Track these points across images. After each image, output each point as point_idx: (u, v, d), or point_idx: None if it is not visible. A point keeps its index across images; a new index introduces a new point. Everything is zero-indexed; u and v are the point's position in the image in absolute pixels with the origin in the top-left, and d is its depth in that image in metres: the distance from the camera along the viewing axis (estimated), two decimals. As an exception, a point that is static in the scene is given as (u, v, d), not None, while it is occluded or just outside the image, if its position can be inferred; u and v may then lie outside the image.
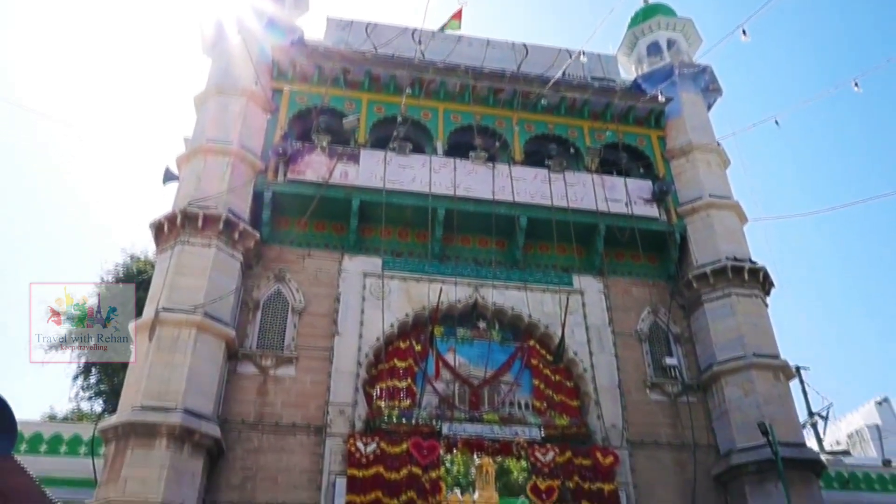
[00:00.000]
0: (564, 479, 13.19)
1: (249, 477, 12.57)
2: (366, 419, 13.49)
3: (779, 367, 14.70)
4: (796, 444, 13.77)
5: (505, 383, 14.65)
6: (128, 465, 11.40)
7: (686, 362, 15.49)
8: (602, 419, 14.22)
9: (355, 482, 12.49)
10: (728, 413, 14.29)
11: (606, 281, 16.14)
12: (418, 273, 15.32)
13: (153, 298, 13.36)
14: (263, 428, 13.06)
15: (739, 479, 13.62)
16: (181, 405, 11.99)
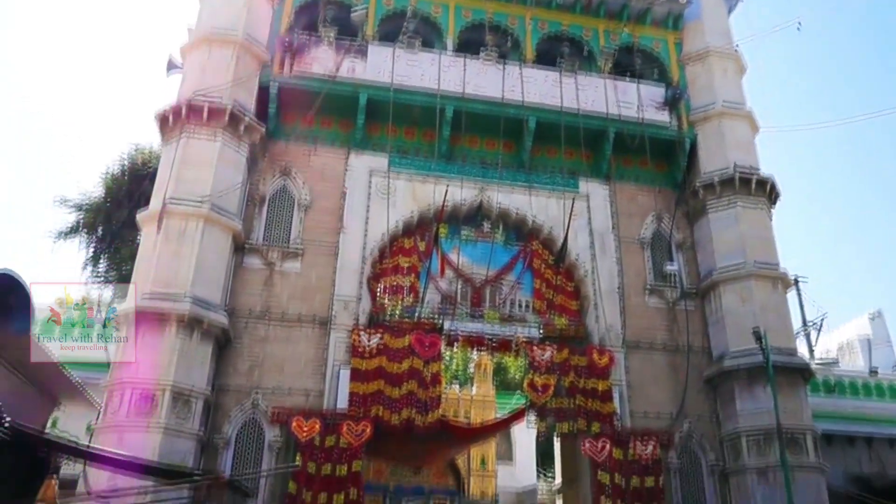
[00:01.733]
0: (561, 376, 13.67)
1: (256, 364, 13.06)
2: (369, 314, 13.85)
3: (777, 277, 14.92)
4: (788, 351, 14.17)
5: (507, 283, 14.92)
6: (140, 350, 11.85)
7: (686, 269, 15.70)
8: (600, 321, 14.57)
9: (358, 372, 12.97)
10: (724, 319, 14.63)
11: (613, 186, 16.11)
12: (424, 172, 15.28)
13: (159, 189, 13.43)
14: (270, 319, 13.44)
15: (729, 383, 14.11)
16: (189, 294, 12.31)
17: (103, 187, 21.53)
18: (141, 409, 11.40)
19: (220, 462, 12.10)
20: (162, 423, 11.32)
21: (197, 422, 11.87)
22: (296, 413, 12.53)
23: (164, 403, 11.51)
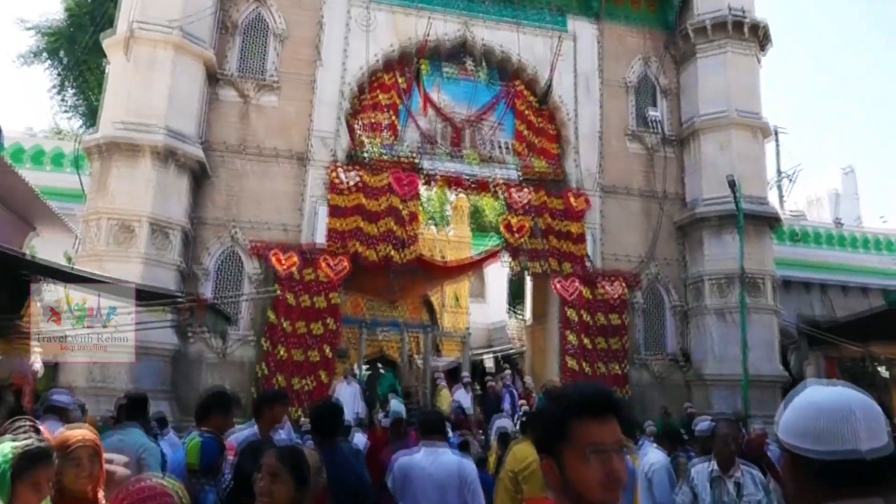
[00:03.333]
0: (536, 218, 13.90)
1: (234, 199, 13.04)
2: (348, 150, 13.70)
3: (758, 127, 14.91)
4: (759, 200, 14.48)
5: (487, 124, 14.71)
6: (115, 181, 11.73)
7: (669, 117, 15.56)
8: (579, 165, 14.61)
9: (336, 209, 13.05)
10: (701, 168, 14.76)
11: (601, 26, 15.50)
12: (406, 4, 14.49)
13: (125, 12, 12.66)
14: (246, 154, 13.25)
15: (700, 230, 14.51)
16: (163, 125, 12.01)
17: (64, 9, 20.22)
18: (119, 239, 11.49)
19: (201, 292, 12.42)
20: (142, 254, 11.45)
21: (176, 253, 12.02)
22: (274, 247, 12.72)
23: (142, 234, 11.57)
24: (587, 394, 1.73)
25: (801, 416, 1.51)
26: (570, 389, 1.81)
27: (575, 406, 1.70)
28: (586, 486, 1.63)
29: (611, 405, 1.70)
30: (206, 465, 3.95)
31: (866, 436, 1.42)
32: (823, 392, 1.51)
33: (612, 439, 1.66)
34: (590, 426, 1.66)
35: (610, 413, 1.69)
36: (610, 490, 1.63)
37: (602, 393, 1.73)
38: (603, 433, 1.65)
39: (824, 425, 1.44)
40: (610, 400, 1.71)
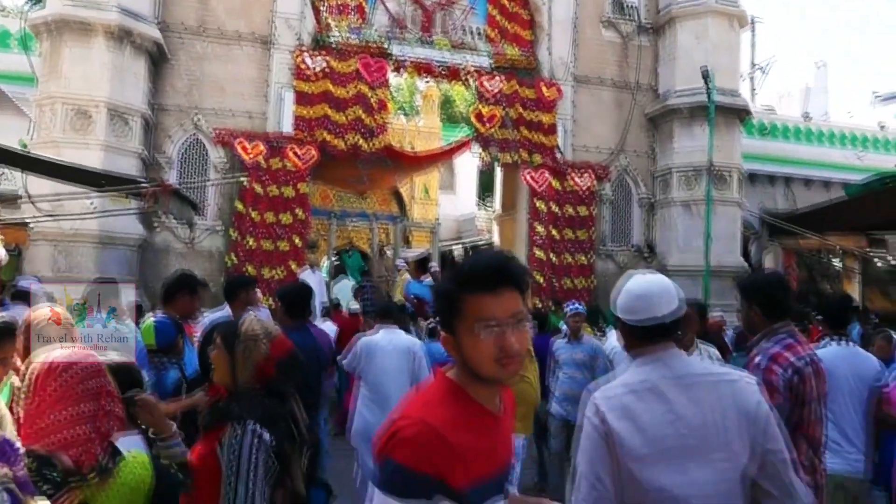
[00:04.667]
0: (507, 108, 13.67)
1: (195, 84, 12.52)
2: (314, 34, 13.10)
3: (735, 15, 14.58)
4: (731, 92, 14.37)
5: (459, 8, 14.10)
6: (67, 63, 11.14)
7: (647, 3, 15.10)
8: (552, 53, 14.25)
9: (303, 96, 12.64)
10: (675, 58, 14.50)
11: None
12: None
13: None
14: (207, 36, 12.60)
15: (670, 121, 14.45)
16: (115, 2, 11.31)
17: None
18: (77, 125, 11.05)
19: (165, 178, 12.15)
20: (101, 141, 11.05)
21: (137, 140, 11.63)
22: (239, 135, 12.38)
23: (100, 121, 11.12)
24: (478, 266, 1.64)
25: (623, 298, 2.17)
26: (465, 262, 1.71)
27: (465, 280, 1.62)
28: (479, 361, 1.58)
29: (505, 277, 1.61)
30: (163, 344, 4.05)
31: (663, 306, 2.09)
32: (636, 280, 2.19)
33: (505, 313, 1.58)
34: (481, 300, 1.58)
35: (505, 285, 1.60)
36: (505, 365, 1.58)
37: (494, 265, 1.63)
38: (495, 307, 1.57)
39: (636, 303, 2.12)
40: (503, 272, 1.62)
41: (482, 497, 1.60)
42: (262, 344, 2.53)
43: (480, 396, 1.65)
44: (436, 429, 1.54)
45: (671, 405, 1.96)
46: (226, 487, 2.30)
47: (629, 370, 2.12)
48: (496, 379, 1.63)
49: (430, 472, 1.51)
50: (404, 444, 1.53)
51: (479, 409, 1.64)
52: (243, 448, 2.32)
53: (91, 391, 1.83)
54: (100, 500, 1.81)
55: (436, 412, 1.59)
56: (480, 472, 1.58)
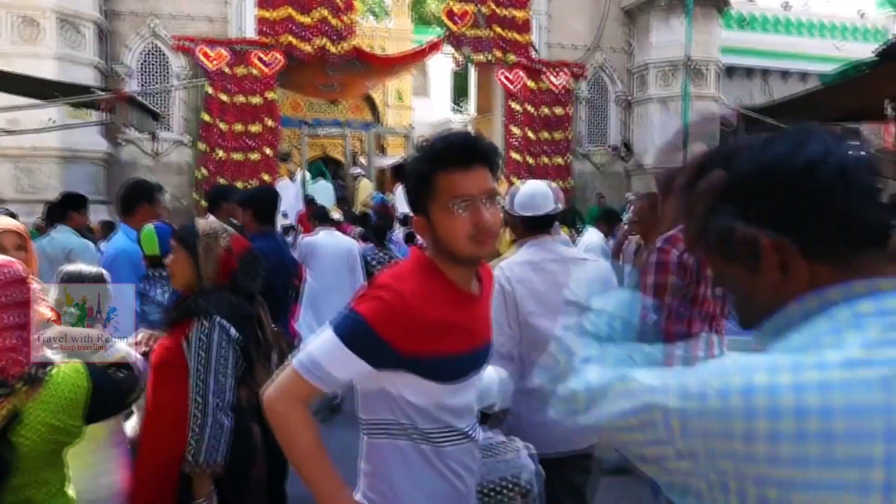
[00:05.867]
0: (479, 5, 13.15)
1: (150, -13, 11.86)
2: (272, -72, 12.34)
3: None
4: (711, -20, 13.92)
5: None
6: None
7: None
8: (525, -57, 13.62)
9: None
10: (652, -54, 13.94)
11: None
12: None
13: None
14: (157, -67, 11.84)
15: (648, 13, 14.02)
16: None
17: None
18: (25, 35, 10.47)
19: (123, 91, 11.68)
20: (53, 51, 10.49)
21: (92, 50, 11.08)
22: (200, 41, 11.84)
23: (50, 29, 10.53)
24: (449, 143, 1.63)
25: (519, 196, 2.75)
26: (433, 141, 1.69)
27: (437, 157, 1.61)
28: (454, 239, 1.58)
29: (476, 153, 1.60)
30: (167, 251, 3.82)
31: (546, 205, 2.72)
32: (528, 185, 2.83)
33: (478, 189, 1.58)
34: (453, 177, 1.57)
35: (477, 162, 1.59)
36: (479, 242, 1.58)
37: (465, 141, 1.63)
38: (467, 183, 1.57)
39: (528, 201, 2.73)
40: (475, 148, 1.61)
41: (456, 372, 1.64)
42: (221, 238, 2.50)
43: (455, 276, 1.66)
44: (406, 298, 1.55)
45: (553, 276, 2.62)
46: (195, 381, 2.29)
47: (521, 250, 2.76)
48: (471, 257, 1.63)
49: (385, 336, 1.53)
50: (372, 301, 1.57)
51: (453, 287, 1.65)
52: (212, 342, 2.31)
53: (14, 299, 1.74)
54: (31, 410, 1.75)
55: (409, 283, 1.60)
56: (453, 347, 1.60)
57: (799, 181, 0.83)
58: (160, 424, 2.37)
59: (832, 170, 0.83)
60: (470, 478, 1.72)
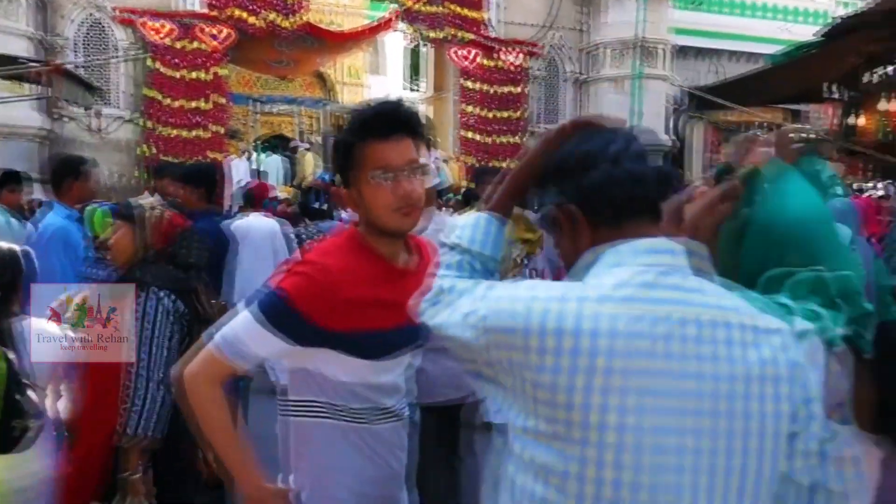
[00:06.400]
0: (433, -19, 13.01)
1: (88, -45, 11.37)
2: None
3: None
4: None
5: None
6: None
7: None
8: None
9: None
10: None
11: None
12: None
13: None
14: None
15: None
16: None
17: None
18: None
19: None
20: (-15, 22, 10.05)
21: (28, 21, 10.62)
22: (142, 13, 11.43)
23: (-21, -2, 10.07)
24: (370, 113, 1.58)
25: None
26: (355, 111, 1.66)
27: (358, 128, 1.56)
28: (378, 212, 1.55)
29: (398, 123, 1.55)
30: None
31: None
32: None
33: (401, 159, 1.54)
34: (375, 147, 1.53)
35: (399, 132, 1.55)
36: (405, 214, 1.55)
37: (386, 110, 1.57)
38: (389, 154, 1.53)
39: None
40: (396, 117, 1.56)
41: (383, 349, 1.59)
42: (159, 209, 2.49)
43: (384, 250, 1.62)
44: (330, 273, 1.52)
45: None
46: (138, 352, 2.27)
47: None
48: (397, 230, 1.60)
49: (307, 312, 1.49)
50: (295, 277, 1.54)
51: (380, 262, 1.61)
52: (156, 314, 2.31)
53: None
54: None
55: (334, 258, 1.57)
56: (379, 323, 1.55)
57: (584, 165, 1.11)
58: (98, 397, 2.34)
59: (608, 159, 1.10)
60: (401, 455, 1.69)
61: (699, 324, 1.00)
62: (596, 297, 1.01)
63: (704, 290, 1.04)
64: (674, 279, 1.04)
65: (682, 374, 0.98)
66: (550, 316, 1.00)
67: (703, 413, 0.97)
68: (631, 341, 0.98)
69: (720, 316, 1.01)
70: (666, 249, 1.07)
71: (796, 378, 1.02)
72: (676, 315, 1.00)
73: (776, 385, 1.00)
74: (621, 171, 1.09)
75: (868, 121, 9.71)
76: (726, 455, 0.98)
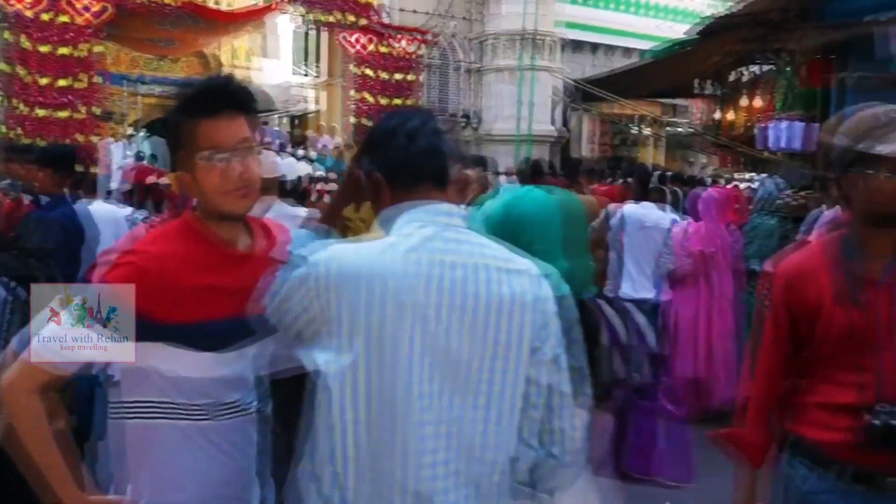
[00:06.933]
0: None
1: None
2: None
3: None
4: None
5: None
6: None
7: None
8: None
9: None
10: None
11: None
12: None
13: None
14: None
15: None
16: None
17: None
18: None
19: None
20: None
21: None
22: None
23: None
24: (197, 89, 1.51)
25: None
26: (183, 88, 1.59)
27: (186, 106, 1.49)
28: (210, 196, 1.48)
29: (226, 99, 1.48)
30: None
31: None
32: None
33: (231, 139, 1.46)
34: (203, 126, 1.45)
35: (228, 109, 1.47)
36: (238, 196, 1.48)
37: (212, 86, 1.51)
38: (218, 133, 1.45)
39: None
40: (223, 93, 1.48)
41: (221, 340, 1.50)
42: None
43: (222, 234, 1.54)
44: (158, 261, 1.44)
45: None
46: None
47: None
48: (233, 213, 1.52)
49: (136, 304, 1.42)
50: (120, 268, 1.45)
51: (217, 247, 1.53)
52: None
53: None
54: None
55: (163, 245, 1.49)
56: (216, 313, 1.47)
57: (387, 140, 1.38)
58: None
59: (403, 134, 1.35)
60: (250, 451, 1.61)
61: (465, 266, 1.29)
62: (389, 246, 1.28)
63: (472, 242, 1.34)
64: (449, 234, 1.31)
65: (451, 306, 1.27)
66: (349, 263, 1.27)
67: (468, 333, 1.27)
68: (413, 280, 1.25)
69: (482, 261, 1.31)
70: (446, 212, 1.35)
71: (538, 307, 1.33)
72: (448, 260, 1.28)
73: (523, 312, 1.31)
74: (415, 146, 1.34)
75: (735, 116, 10.38)
76: (480, 361, 1.28)
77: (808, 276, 1.77)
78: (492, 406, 1.29)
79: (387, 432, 1.25)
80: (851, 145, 1.67)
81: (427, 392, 1.25)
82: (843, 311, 1.70)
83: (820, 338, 1.75)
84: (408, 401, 1.24)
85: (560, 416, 1.36)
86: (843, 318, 1.70)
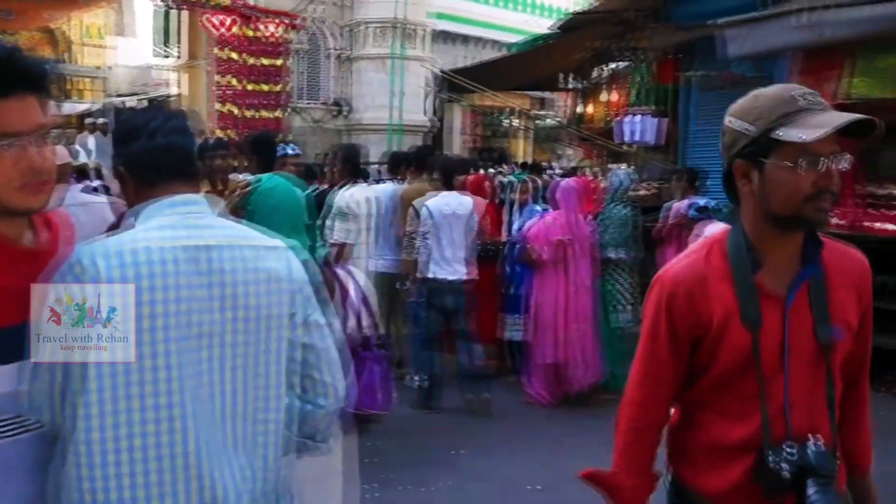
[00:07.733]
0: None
1: None
2: None
3: None
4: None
5: None
6: None
7: None
8: None
9: None
10: None
11: None
12: None
13: None
14: None
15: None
16: None
17: None
18: None
19: None
20: None
21: None
22: None
23: None
24: None
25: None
26: None
27: None
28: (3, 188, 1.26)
29: (14, 78, 1.24)
30: None
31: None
32: None
33: (23, 124, 1.24)
34: None
35: (18, 90, 1.25)
36: (33, 190, 1.28)
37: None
38: (10, 117, 1.23)
39: None
40: (10, 71, 1.24)
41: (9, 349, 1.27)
42: None
43: (5, 231, 1.32)
44: None
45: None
46: None
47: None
48: (25, 210, 1.32)
49: None
50: None
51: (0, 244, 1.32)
52: None
53: None
54: None
55: None
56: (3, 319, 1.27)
57: (131, 138, 1.41)
58: None
59: (146, 132, 1.40)
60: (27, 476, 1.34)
61: (209, 248, 1.34)
62: (137, 237, 1.31)
63: (216, 226, 1.40)
64: (194, 220, 1.37)
65: (202, 285, 1.31)
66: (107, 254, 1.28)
67: (222, 310, 1.33)
68: (162, 266, 1.28)
69: (230, 241, 1.38)
70: (189, 201, 1.40)
71: (291, 276, 1.44)
72: (193, 244, 1.32)
73: (278, 282, 1.41)
74: (154, 143, 1.39)
75: (594, 110, 10.85)
76: (245, 334, 1.36)
77: (698, 287, 1.49)
78: (259, 372, 1.38)
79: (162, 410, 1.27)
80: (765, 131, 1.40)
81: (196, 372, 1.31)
82: (737, 330, 1.46)
83: (708, 361, 1.51)
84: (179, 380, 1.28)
85: (320, 370, 1.49)
86: (738, 338, 1.46)
